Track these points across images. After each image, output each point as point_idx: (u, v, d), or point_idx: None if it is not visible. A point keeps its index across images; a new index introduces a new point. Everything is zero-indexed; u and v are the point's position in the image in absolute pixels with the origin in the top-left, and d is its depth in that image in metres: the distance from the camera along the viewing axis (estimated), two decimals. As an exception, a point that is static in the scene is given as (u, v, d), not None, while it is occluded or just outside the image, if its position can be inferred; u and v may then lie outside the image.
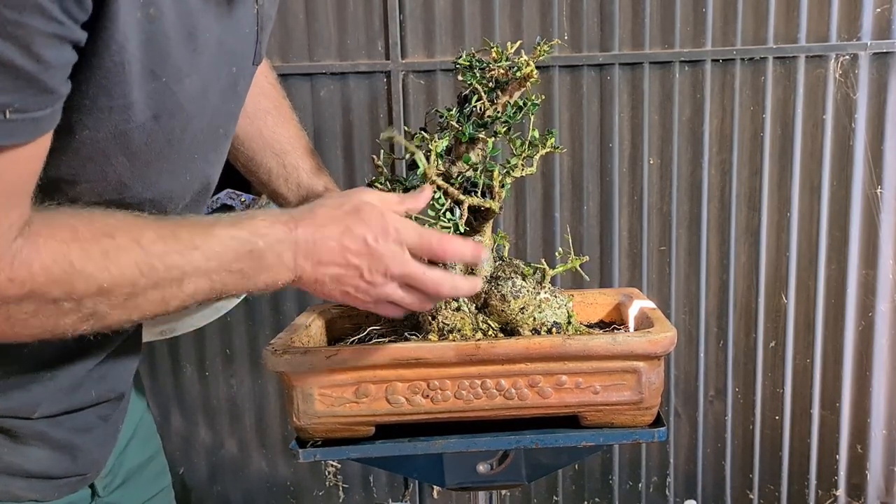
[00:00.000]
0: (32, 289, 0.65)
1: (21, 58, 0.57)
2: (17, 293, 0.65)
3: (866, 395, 2.06)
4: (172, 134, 0.75)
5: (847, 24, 1.90)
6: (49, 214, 0.68)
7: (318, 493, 2.18)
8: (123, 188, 0.75)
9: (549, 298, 0.99)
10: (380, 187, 0.95)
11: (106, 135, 0.70)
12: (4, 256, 0.64)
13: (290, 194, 1.07)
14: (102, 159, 0.72)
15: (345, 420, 0.94)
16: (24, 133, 0.61)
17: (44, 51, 0.58)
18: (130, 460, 0.96)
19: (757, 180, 1.97)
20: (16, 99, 0.58)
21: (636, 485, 2.14)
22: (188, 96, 0.73)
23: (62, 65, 0.61)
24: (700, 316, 2.04)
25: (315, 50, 1.95)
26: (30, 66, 0.58)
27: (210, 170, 0.86)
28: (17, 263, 0.64)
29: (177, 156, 0.78)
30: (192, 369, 2.10)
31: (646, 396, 0.94)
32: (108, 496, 0.92)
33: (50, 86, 0.61)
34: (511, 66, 0.96)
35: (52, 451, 0.82)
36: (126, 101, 0.68)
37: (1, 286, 0.64)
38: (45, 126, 0.63)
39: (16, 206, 0.64)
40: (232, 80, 0.80)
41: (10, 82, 0.57)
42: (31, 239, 0.65)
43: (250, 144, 1.06)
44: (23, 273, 0.65)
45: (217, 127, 0.83)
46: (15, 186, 0.63)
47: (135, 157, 0.74)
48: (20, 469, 0.80)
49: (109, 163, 0.73)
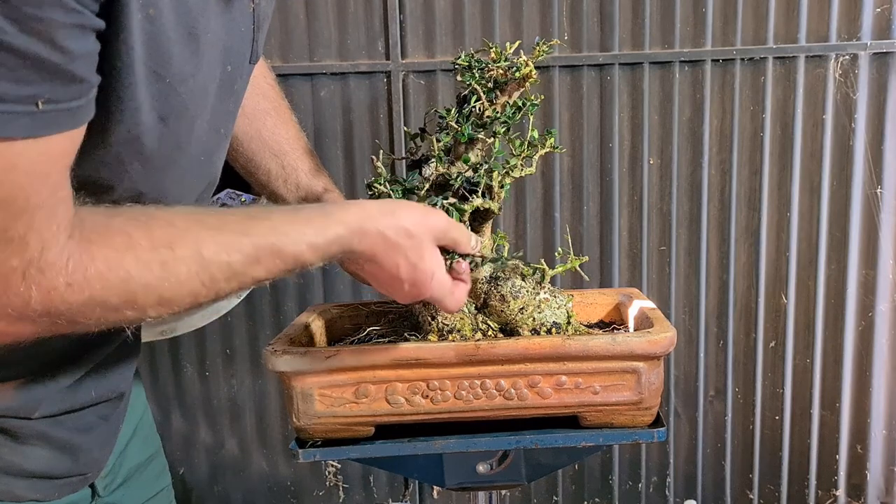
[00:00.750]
0: (91, 295, 0.64)
1: (46, 50, 0.57)
2: (78, 299, 0.64)
3: (866, 395, 2.06)
4: (180, 136, 0.75)
5: (847, 24, 1.90)
6: (101, 219, 0.67)
7: (318, 493, 2.19)
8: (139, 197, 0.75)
9: (548, 299, 0.99)
10: (379, 187, 0.95)
11: (119, 139, 0.70)
12: (59, 260, 0.63)
13: (289, 195, 1.08)
14: (117, 164, 0.72)
15: (345, 420, 0.94)
16: (60, 124, 0.61)
17: (67, 41, 0.58)
18: (131, 460, 0.97)
19: (757, 180, 1.98)
20: (46, 90, 0.58)
21: (636, 485, 2.14)
22: (192, 97, 0.74)
23: (87, 53, 0.61)
24: (700, 316, 2.04)
25: (315, 50, 1.95)
26: (56, 58, 0.58)
27: (213, 170, 0.86)
28: (73, 267, 0.63)
29: (185, 159, 0.78)
30: (193, 369, 2.11)
31: (646, 396, 0.94)
32: (108, 496, 0.92)
33: (78, 75, 0.60)
34: (510, 67, 0.96)
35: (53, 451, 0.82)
36: (135, 104, 0.68)
37: (62, 292, 0.63)
38: (80, 117, 0.63)
39: (60, 203, 0.63)
40: (229, 79, 0.81)
41: (37, 74, 0.57)
42: (83, 245, 0.64)
43: (249, 145, 1.07)
44: (79, 277, 0.64)
45: (218, 127, 0.83)
46: (56, 183, 0.63)
47: (148, 163, 0.73)
48: (21, 469, 0.80)
49: (124, 168, 0.73)
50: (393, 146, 1.96)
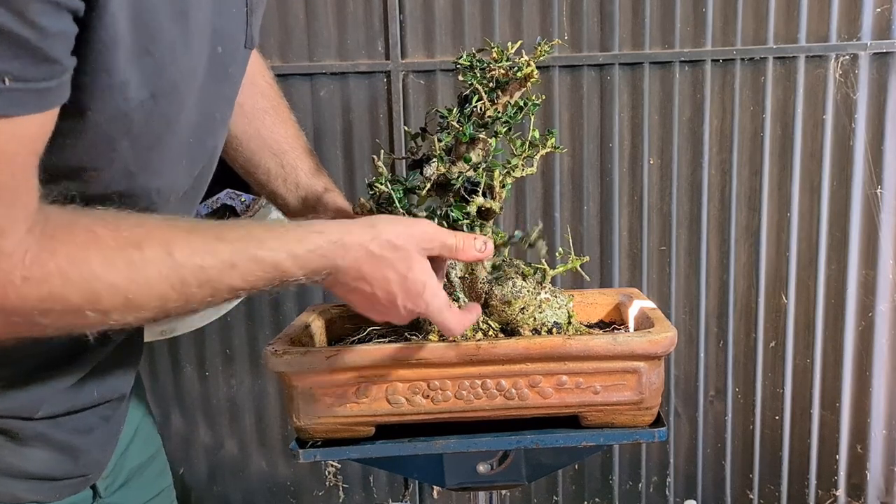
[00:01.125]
0: (51, 291, 0.61)
1: (16, 25, 0.55)
2: (36, 294, 0.61)
3: (866, 395, 2.06)
4: (170, 115, 0.73)
5: (847, 24, 1.90)
6: (65, 217, 0.64)
7: (318, 493, 2.18)
8: (130, 177, 0.74)
9: (549, 299, 0.99)
10: (380, 187, 0.95)
11: (108, 116, 0.68)
12: (16, 252, 0.60)
13: (289, 195, 1.07)
14: (106, 144, 0.70)
15: (345, 420, 0.94)
16: (28, 104, 0.59)
17: (39, 18, 0.56)
18: (132, 460, 0.96)
19: (757, 180, 1.97)
20: (14, 66, 0.57)
21: (636, 485, 2.14)
22: (182, 76, 0.72)
23: (61, 33, 0.59)
24: (700, 316, 2.04)
25: (315, 50, 1.95)
26: (26, 33, 0.56)
27: (206, 153, 0.85)
28: (30, 260, 0.60)
29: (175, 139, 0.76)
30: (192, 369, 2.10)
31: (646, 396, 0.94)
32: (109, 496, 0.92)
33: (51, 55, 0.59)
34: (512, 67, 0.96)
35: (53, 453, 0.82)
36: (123, 79, 0.66)
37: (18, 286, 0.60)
38: (50, 99, 0.61)
39: (23, 192, 0.61)
40: (221, 62, 0.79)
41: (6, 49, 0.56)
42: (44, 240, 0.62)
43: (248, 145, 1.06)
44: (38, 272, 0.61)
45: (212, 112, 0.82)
46: (20, 167, 0.60)
47: (137, 142, 0.72)
48: (22, 471, 0.80)
49: (113, 148, 0.71)
50: (392, 146, 1.96)
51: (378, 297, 0.80)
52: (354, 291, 0.80)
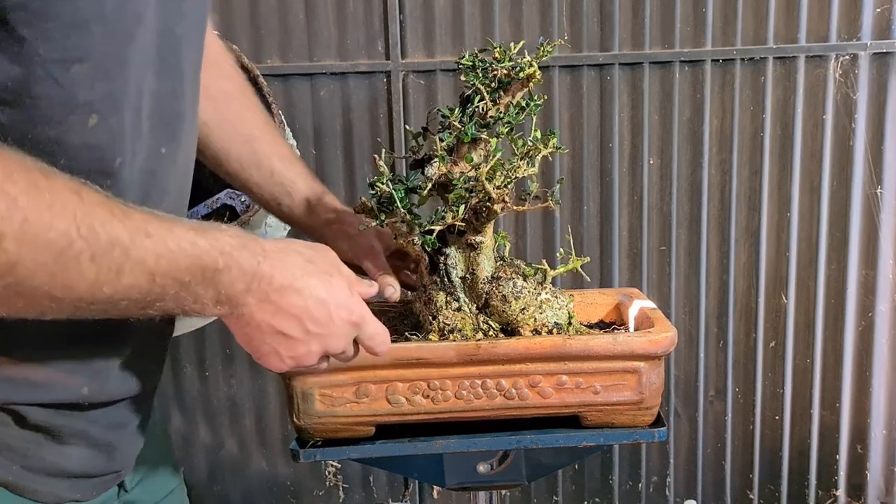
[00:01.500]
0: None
1: None
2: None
3: (866, 395, 2.06)
4: (137, 4, 0.70)
5: (847, 24, 1.90)
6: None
7: (318, 493, 2.18)
8: (107, 74, 0.68)
9: (550, 299, 0.99)
10: (382, 186, 0.95)
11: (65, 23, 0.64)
12: None
13: (264, 182, 1.04)
14: (83, 28, 0.65)
15: (345, 420, 0.94)
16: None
17: None
18: (145, 457, 0.96)
19: (757, 180, 1.98)
20: None
21: (636, 485, 2.14)
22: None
23: None
24: (700, 316, 2.04)
25: (315, 50, 1.95)
26: None
27: (173, 79, 0.78)
28: None
29: (145, 33, 0.72)
30: (192, 369, 2.10)
31: (646, 396, 0.94)
32: (129, 493, 0.92)
33: None
34: (514, 67, 0.96)
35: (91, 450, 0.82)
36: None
37: None
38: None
39: None
40: None
41: None
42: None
43: (219, 132, 1.02)
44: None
45: (171, 25, 0.76)
46: None
47: (109, 26, 0.67)
48: (63, 470, 0.79)
49: (90, 31, 0.66)
50: (393, 146, 1.96)
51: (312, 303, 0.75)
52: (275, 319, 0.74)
